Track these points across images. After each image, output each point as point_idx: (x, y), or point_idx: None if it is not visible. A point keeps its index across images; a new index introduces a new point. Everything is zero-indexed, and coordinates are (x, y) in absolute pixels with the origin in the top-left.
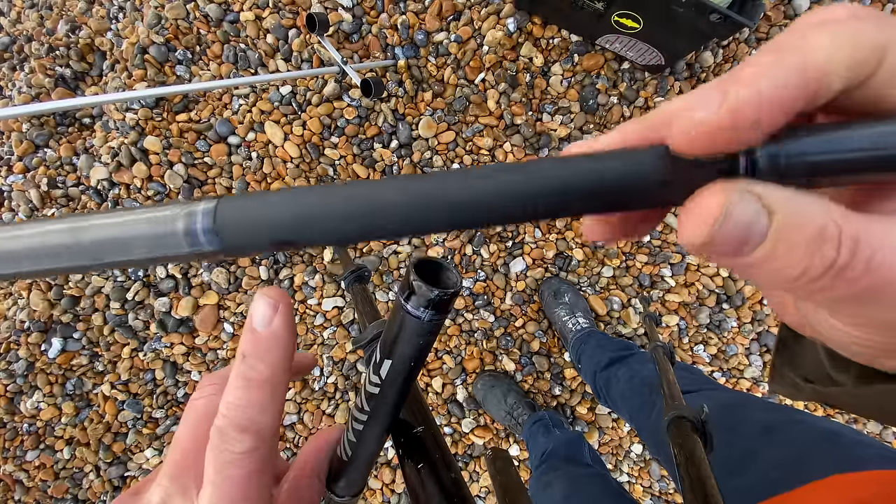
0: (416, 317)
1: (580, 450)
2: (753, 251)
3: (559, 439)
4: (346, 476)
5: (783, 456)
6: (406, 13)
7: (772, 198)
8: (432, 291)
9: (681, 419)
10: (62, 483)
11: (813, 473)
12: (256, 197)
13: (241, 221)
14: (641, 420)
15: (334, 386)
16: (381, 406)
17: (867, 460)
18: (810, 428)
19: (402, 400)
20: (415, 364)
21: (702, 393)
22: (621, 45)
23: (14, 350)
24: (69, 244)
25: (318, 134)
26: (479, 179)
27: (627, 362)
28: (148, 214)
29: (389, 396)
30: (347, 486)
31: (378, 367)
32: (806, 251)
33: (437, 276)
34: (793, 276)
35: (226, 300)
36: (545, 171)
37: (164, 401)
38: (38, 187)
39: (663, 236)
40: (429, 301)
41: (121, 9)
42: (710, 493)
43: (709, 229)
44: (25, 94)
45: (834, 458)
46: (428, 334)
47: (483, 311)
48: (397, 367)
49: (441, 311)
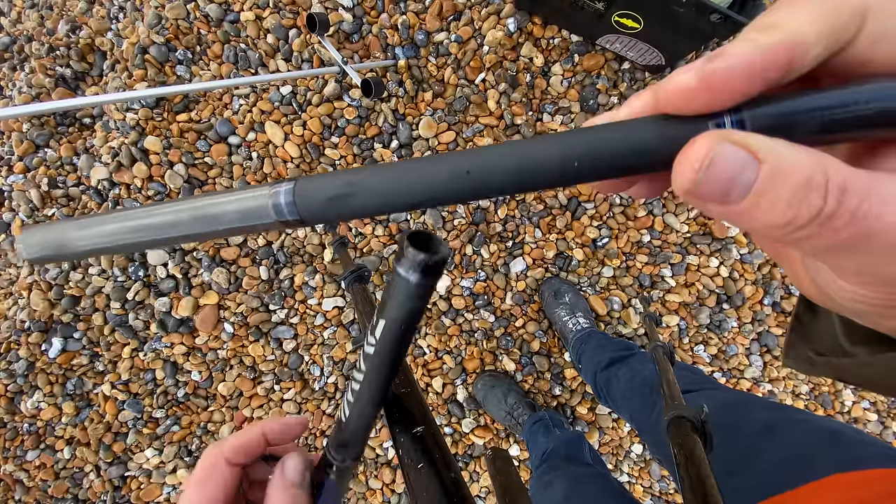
0: (407, 280)
1: (581, 449)
2: (742, 198)
3: (559, 439)
4: (346, 439)
5: (785, 455)
6: (406, 13)
7: (758, 145)
8: (420, 255)
9: (681, 419)
10: (62, 483)
11: (815, 472)
12: (324, 176)
13: (312, 197)
14: (642, 420)
15: (334, 386)
16: (377, 366)
17: (869, 459)
18: (812, 427)
19: (397, 361)
20: (407, 327)
21: (702, 392)
22: (622, 45)
23: (14, 350)
24: (189, 218)
25: (319, 134)
26: (510, 153)
27: (628, 362)
28: (246, 194)
29: (385, 356)
30: (347, 450)
31: (374, 329)
32: (793, 198)
33: (429, 246)
34: (781, 224)
35: (226, 300)
36: (577, 139)
37: (164, 401)
38: (39, 187)
39: (663, 236)
40: (419, 264)
41: (121, 9)
42: (709, 493)
43: (694, 174)
44: (26, 94)
45: (836, 457)
46: (418, 298)
47: (483, 311)
48: (391, 328)
49: (430, 276)
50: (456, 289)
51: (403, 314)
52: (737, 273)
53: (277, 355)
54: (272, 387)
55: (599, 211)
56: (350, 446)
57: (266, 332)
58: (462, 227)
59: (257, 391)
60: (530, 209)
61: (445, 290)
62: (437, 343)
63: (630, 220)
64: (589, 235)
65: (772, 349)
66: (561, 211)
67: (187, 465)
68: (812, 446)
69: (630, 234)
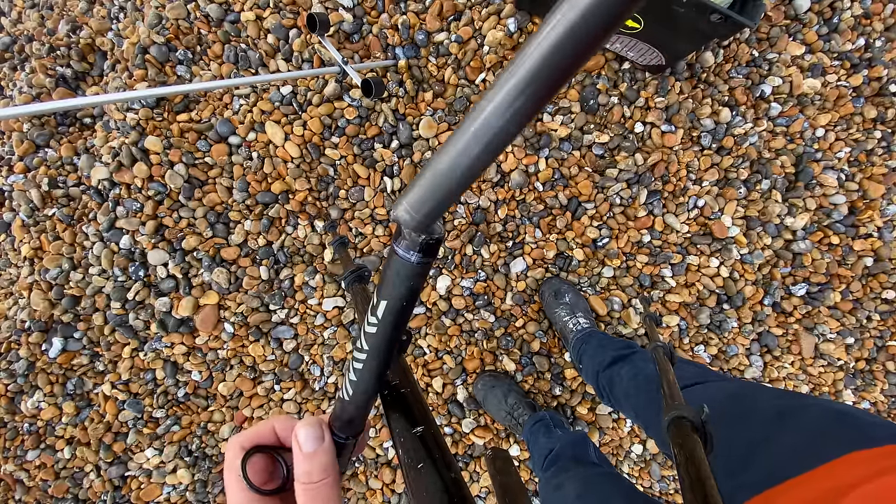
0: (405, 259)
1: (587, 450)
2: None
3: (564, 440)
4: (350, 415)
5: (797, 440)
6: (407, 13)
7: None
8: (420, 237)
9: (681, 419)
10: (62, 483)
11: (829, 453)
12: None
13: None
14: (649, 417)
15: (334, 386)
16: (377, 343)
17: (882, 438)
18: (822, 411)
19: (397, 339)
20: (406, 305)
21: (710, 384)
22: (622, 45)
23: (15, 350)
24: None
25: (319, 134)
26: None
27: (631, 360)
28: None
29: (385, 334)
30: (350, 426)
31: (375, 309)
32: None
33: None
34: None
35: (226, 300)
36: None
37: (164, 401)
38: (39, 187)
39: (664, 236)
40: (419, 244)
41: (121, 9)
42: (709, 493)
43: None
44: (26, 93)
45: (848, 437)
46: (416, 276)
47: (483, 311)
48: (392, 308)
49: (427, 255)
50: (456, 289)
51: (404, 292)
52: (737, 273)
53: (277, 355)
54: (272, 387)
55: (600, 211)
56: (354, 422)
57: (266, 332)
58: (462, 227)
59: (257, 391)
60: (530, 209)
61: (446, 291)
62: (437, 343)
63: (630, 221)
64: (589, 235)
65: (772, 349)
66: (561, 211)
67: (187, 465)
68: (824, 429)
69: (630, 235)
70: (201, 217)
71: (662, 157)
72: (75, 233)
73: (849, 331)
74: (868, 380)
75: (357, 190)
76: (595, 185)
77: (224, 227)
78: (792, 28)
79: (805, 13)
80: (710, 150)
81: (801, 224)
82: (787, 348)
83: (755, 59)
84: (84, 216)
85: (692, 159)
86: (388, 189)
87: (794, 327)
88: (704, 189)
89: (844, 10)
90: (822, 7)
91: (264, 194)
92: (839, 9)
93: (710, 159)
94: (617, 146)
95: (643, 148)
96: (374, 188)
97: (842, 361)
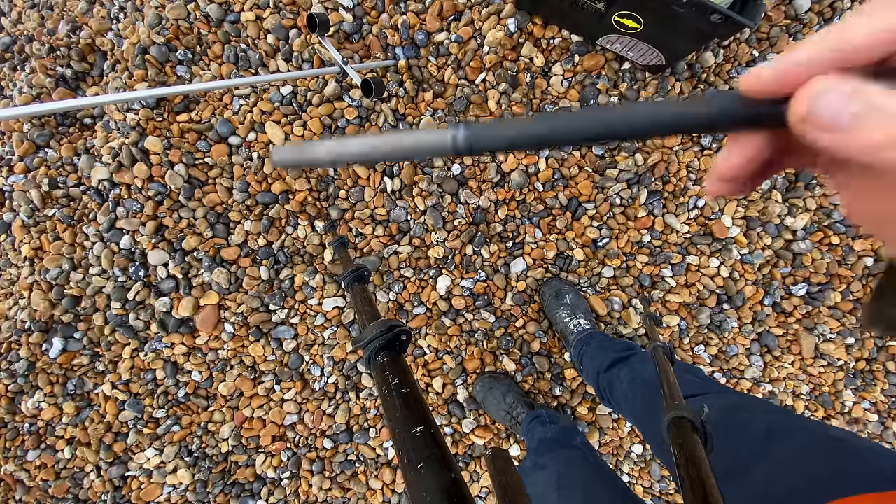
0: None
1: (574, 437)
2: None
3: (555, 428)
4: None
5: (789, 458)
6: (407, 13)
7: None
8: None
9: (681, 419)
10: (63, 483)
11: (830, 490)
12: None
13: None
14: (645, 422)
15: (335, 386)
16: None
17: (884, 473)
18: (815, 435)
19: None
20: None
21: (706, 397)
22: (622, 45)
23: (15, 350)
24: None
25: (319, 134)
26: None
27: (629, 363)
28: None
29: None
30: None
31: None
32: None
33: None
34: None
35: (226, 300)
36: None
37: (164, 401)
38: (39, 187)
39: (664, 236)
40: None
41: (121, 9)
42: (709, 494)
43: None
44: (26, 94)
45: (852, 475)
46: None
47: (483, 311)
48: None
49: None
50: (456, 289)
51: None
52: (737, 273)
53: (278, 355)
54: (272, 387)
55: (600, 211)
56: None
57: (266, 333)
58: (462, 227)
59: (257, 391)
60: (530, 209)
61: (446, 291)
62: (437, 343)
63: (630, 221)
64: (589, 236)
65: (772, 349)
66: (561, 211)
67: (187, 466)
68: (816, 454)
69: (630, 235)
70: (201, 217)
71: (662, 157)
72: (75, 233)
73: (849, 331)
74: (868, 380)
75: (357, 190)
76: (595, 186)
77: (224, 227)
78: (792, 28)
79: (805, 13)
80: (710, 151)
81: (802, 224)
82: (787, 348)
83: (755, 60)
84: (84, 216)
85: (692, 159)
86: (387, 189)
87: (794, 327)
88: (704, 189)
89: (845, 10)
90: (823, 7)
91: (264, 194)
92: (839, 9)
93: (710, 159)
94: (617, 146)
95: (643, 148)
96: (374, 188)
97: (842, 361)
